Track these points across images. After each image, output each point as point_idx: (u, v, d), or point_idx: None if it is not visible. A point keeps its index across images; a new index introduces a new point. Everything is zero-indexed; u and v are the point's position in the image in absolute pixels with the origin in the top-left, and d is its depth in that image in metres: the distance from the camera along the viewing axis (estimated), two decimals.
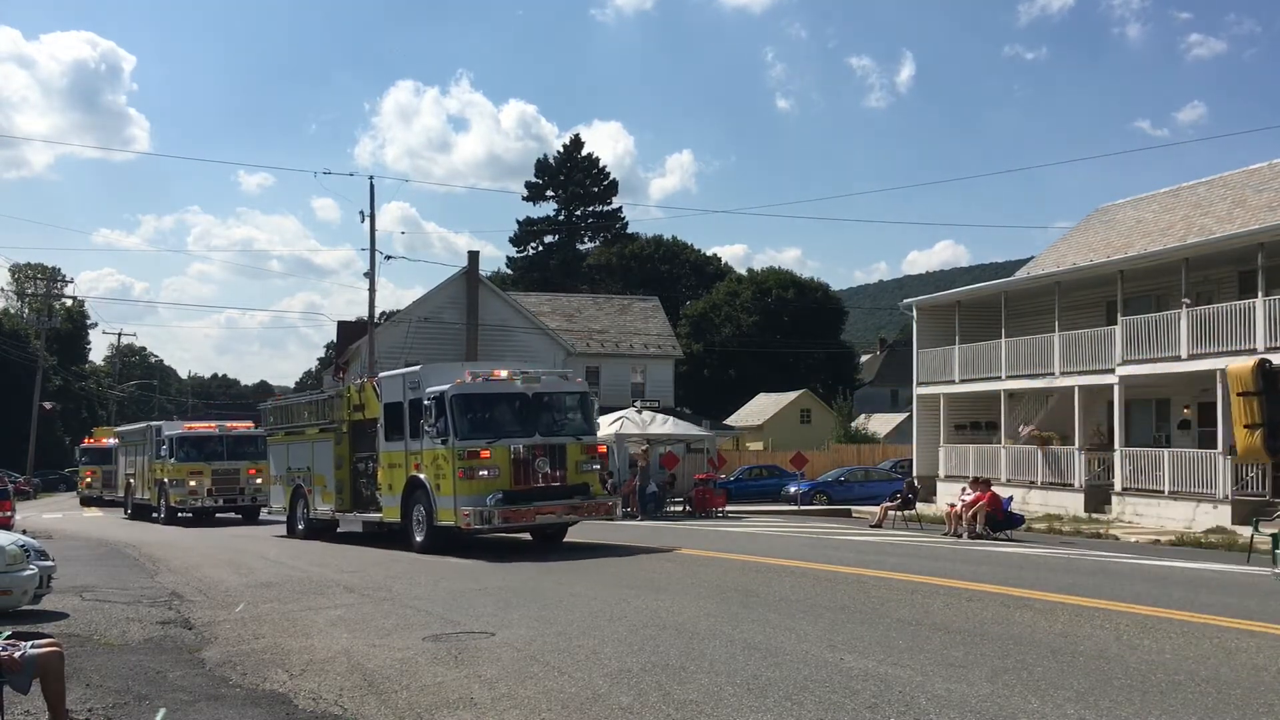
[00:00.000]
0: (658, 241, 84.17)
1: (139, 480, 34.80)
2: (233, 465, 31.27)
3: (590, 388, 19.40)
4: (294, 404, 24.59)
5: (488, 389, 17.28)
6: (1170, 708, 6.46)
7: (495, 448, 16.72)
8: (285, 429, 24.18)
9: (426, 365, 18.90)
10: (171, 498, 31.00)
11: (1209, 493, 23.16)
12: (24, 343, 68.46)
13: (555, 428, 17.50)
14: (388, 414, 18.87)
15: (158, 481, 31.98)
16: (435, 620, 10.58)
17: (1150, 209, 33.46)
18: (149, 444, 33.39)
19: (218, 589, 13.89)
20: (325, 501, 21.51)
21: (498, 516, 16.35)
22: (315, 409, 22.66)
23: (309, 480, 22.30)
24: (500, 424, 17.10)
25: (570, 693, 7.25)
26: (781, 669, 7.75)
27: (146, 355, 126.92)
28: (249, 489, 31.14)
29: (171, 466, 31.13)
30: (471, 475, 16.47)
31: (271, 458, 25.07)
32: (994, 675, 7.38)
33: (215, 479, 31.03)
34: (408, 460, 18.00)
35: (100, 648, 9.65)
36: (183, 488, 30.84)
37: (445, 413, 16.85)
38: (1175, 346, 24.39)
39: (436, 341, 40.26)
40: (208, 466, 31.04)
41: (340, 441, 21.10)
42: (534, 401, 17.44)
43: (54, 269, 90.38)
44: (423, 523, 17.57)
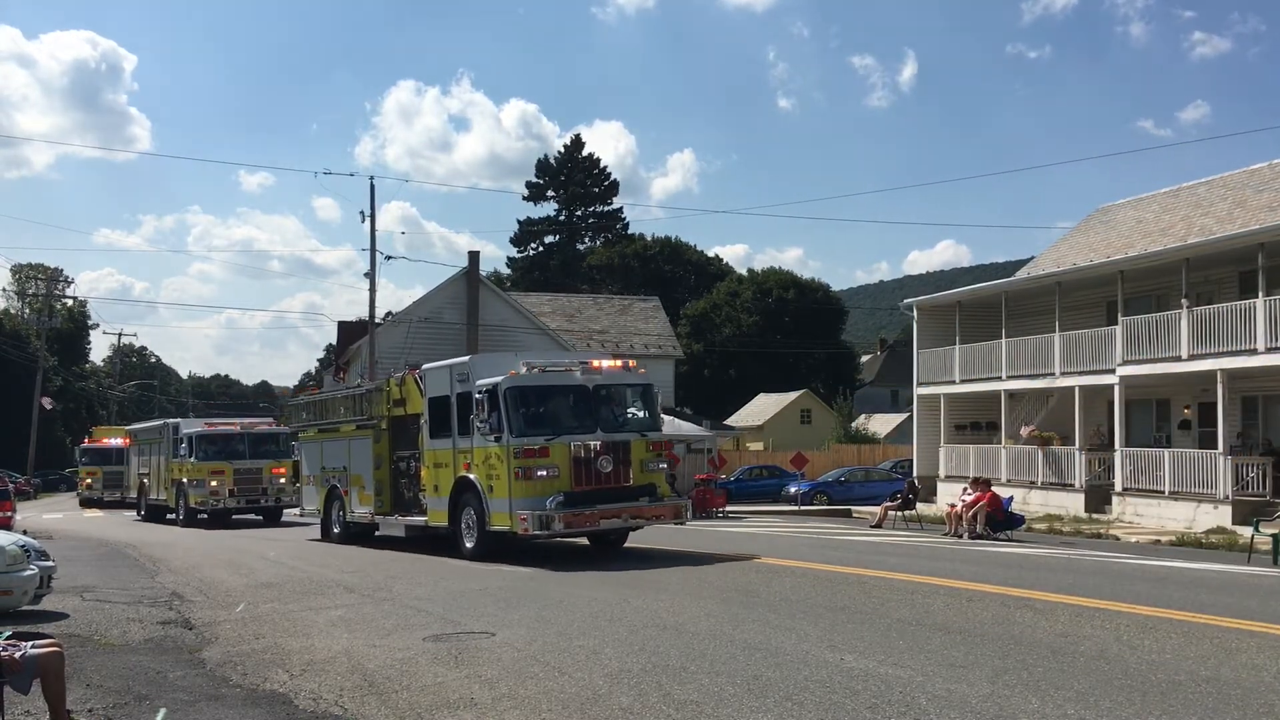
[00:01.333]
0: (658, 241, 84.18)
1: (154, 480, 33.49)
2: (255, 464, 29.99)
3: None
4: (328, 399, 22.90)
5: (545, 381, 16.01)
6: (1170, 708, 6.46)
7: (554, 445, 15.35)
8: (318, 425, 22.71)
9: (476, 356, 17.48)
10: (191, 498, 29.75)
11: (1209, 493, 23.15)
12: (24, 343, 68.46)
13: (618, 422, 16.17)
14: (433, 409, 17.47)
15: (175, 482, 30.79)
16: (436, 620, 10.58)
17: (1150, 209, 33.46)
18: (166, 443, 32.18)
19: (218, 589, 13.89)
20: (363, 504, 20.11)
21: (559, 521, 14.98)
22: (351, 404, 21.19)
23: (345, 481, 20.86)
24: (558, 419, 15.82)
25: (571, 693, 7.25)
26: (782, 669, 7.75)
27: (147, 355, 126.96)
28: (271, 489, 30.05)
29: (191, 466, 29.82)
30: (529, 475, 15.14)
31: (304, 457, 23.62)
32: (994, 675, 7.38)
33: (237, 479, 29.70)
34: (456, 459, 16.67)
35: (100, 648, 9.65)
36: (203, 488, 29.51)
37: (499, 407, 15.49)
38: (1176, 347, 24.39)
39: (437, 342, 40.19)
40: (229, 466, 29.69)
41: (379, 439, 19.72)
42: (594, 394, 16.08)
43: (55, 269, 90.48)
44: (473, 527, 16.27)
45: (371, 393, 20.24)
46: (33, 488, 54.64)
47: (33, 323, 71.84)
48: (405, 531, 18.74)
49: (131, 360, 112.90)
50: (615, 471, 15.59)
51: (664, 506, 16.08)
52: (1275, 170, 29.73)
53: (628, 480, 15.73)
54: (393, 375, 19.75)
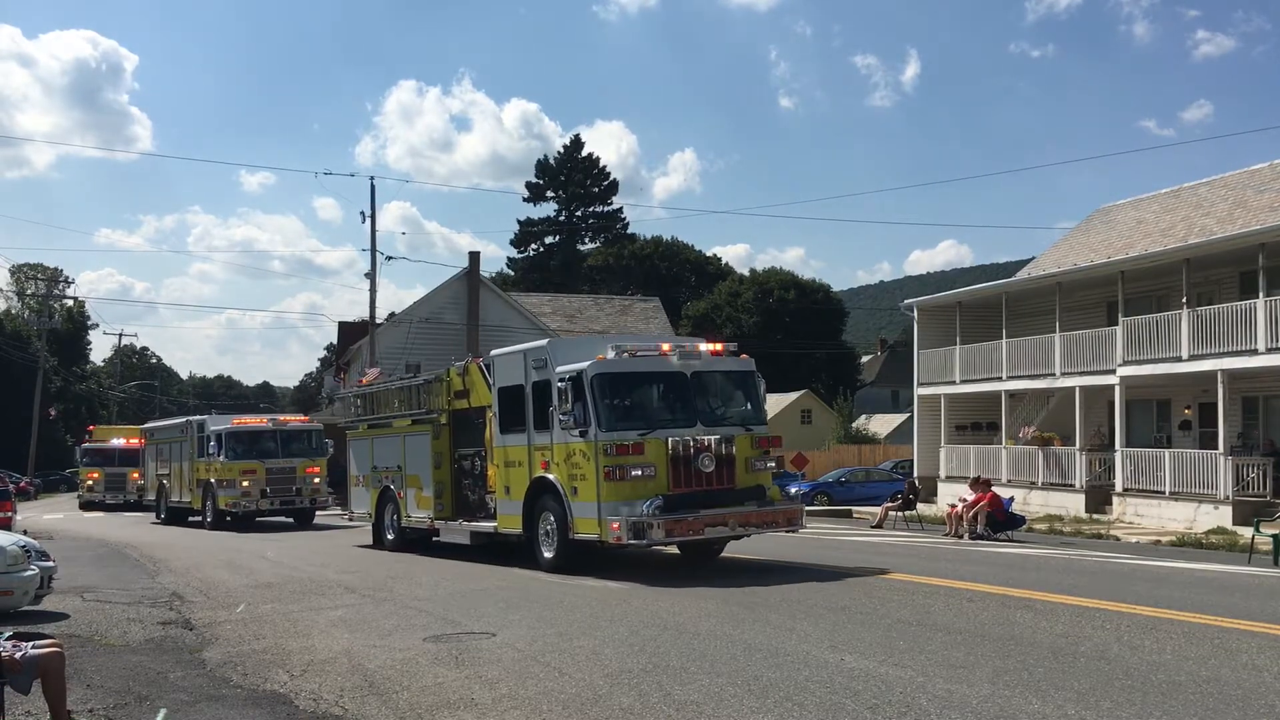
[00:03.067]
0: (658, 242, 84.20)
1: (175, 481, 31.30)
2: (288, 463, 27.91)
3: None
4: (379, 391, 20.84)
5: (637, 367, 14.25)
6: (1171, 709, 6.46)
7: (650, 441, 13.59)
8: (368, 421, 20.81)
9: (554, 339, 15.38)
10: (221, 500, 27.53)
11: (1210, 493, 23.15)
12: (25, 344, 68.49)
13: (719, 415, 14.46)
14: (503, 400, 15.69)
15: (202, 482, 28.72)
16: (436, 621, 10.59)
17: (1151, 209, 33.46)
18: (190, 441, 30.02)
19: (218, 590, 13.90)
20: (421, 507, 18.21)
21: (658, 528, 13.07)
22: (406, 396, 19.36)
23: (400, 481, 18.93)
24: (653, 411, 14.23)
25: (571, 693, 7.25)
26: (782, 669, 7.75)
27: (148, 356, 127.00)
28: (306, 490, 28.05)
29: (220, 465, 27.69)
30: (621, 476, 13.34)
31: (352, 455, 21.53)
32: (995, 676, 7.38)
33: (270, 479, 27.59)
34: (531, 457, 14.89)
35: (101, 648, 9.66)
36: (234, 488, 27.40)
37: (584, 397, 13.75)
38: (1176, 347, 24.38)
39: (437, 342, 40.19)
40: (261, 465, 27.58)
41: (439, 435, 17.82)
42: (693, 383, 14.36)
43: (54, 269, 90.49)
44: (552, 535, 14.44)
45: (430, 384, 18.43)
46: (33, 488, 54.64)
47: (33, 323, 71.83)
48: (471, 539, 16.82)
49: (132, 361, 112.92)
50: (718, 471, 13.85)
51: (775, 511, 14.17)
52: (1276, 170, 29.72)
53: (732, 481, 13.99)
54: (454, 364, 17.94)
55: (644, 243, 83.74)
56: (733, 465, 14.02)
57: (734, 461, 14.04)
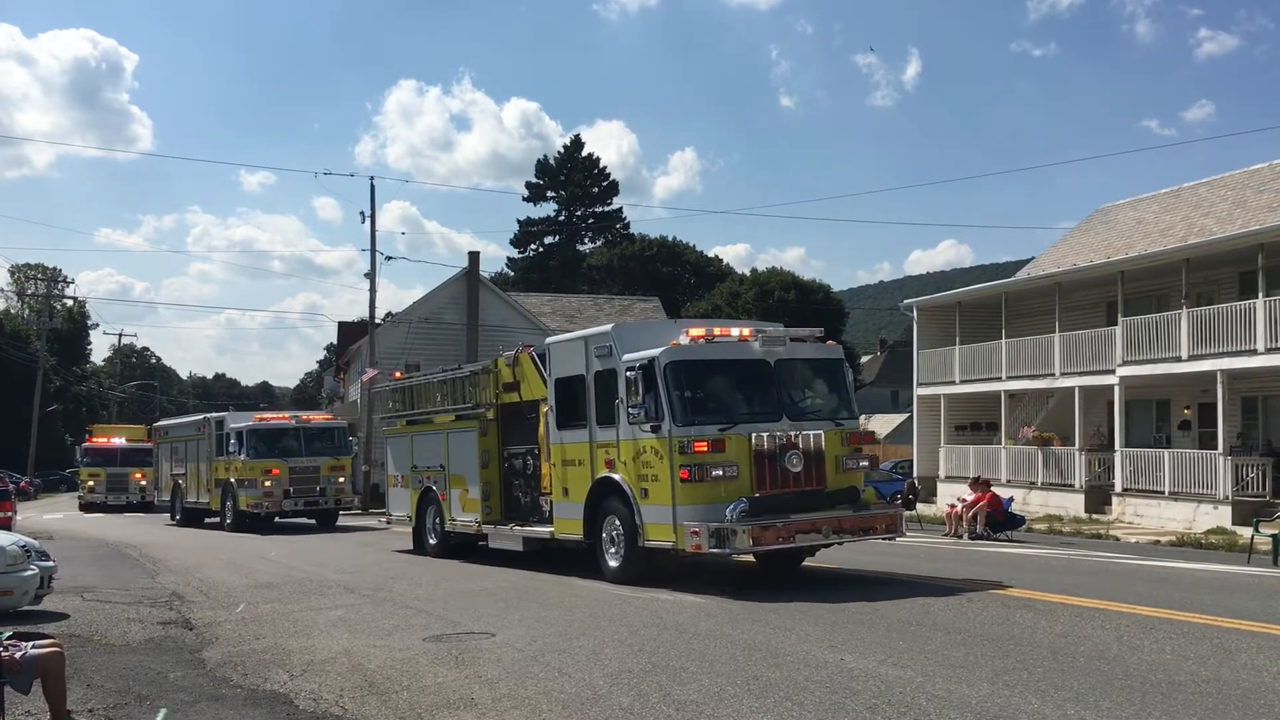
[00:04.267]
0: (658, 242, 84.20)
1: (191, 481, 30.25)
2: (311, 462, 26.83)
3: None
4: (419, 384, 19.42)
5: (716, 354, 12.86)
6: (1171, 709, 6.46)
7: (732, 437, 12.23)
8: (407, 416, 19.50)
9: (619, 324, 14.31)
10: (242, 501, 26.42)
11: (1209, 493, 23.15)
12: (25, 343, 68.49)
13: (806, 408, 13.19)
14: (561, 392, 14.38)
15: (221, 482, 27.66)
16: (436, 621, 10.60)
17: (1151, 209, 33.47)
18: (208, 439, 28.94)
19: (218, 589, 13.91)
20: (467, 510, 16.85)
21: (744, 535, 11.61)
22: (450, 390, 17.98)
23: (443, 482, 17.61)
24: (733, 403, 12.81)
25: (571, 693, 7.26)
26: (782, 669, 7.76)
27: (148, 356, 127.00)
28: (330, 490, 27.02)
29: (241, 464, 26.59)
30: (700, 476, 11.98)
31: (390, 453, 20.31)
32: (994, 676, 7.38)
33: (293, 478, 26.50)
34: (594, 455, 13.57)
35: (101, 648, 9.66)
36: (255, 488, 26.28)
37: (656, 387, 12.43)
38: (1176, 347, 24.38)
39: (437, 342, 40.25)
40: (284, 464, 26.47)
41: (486, 431, 16.53)
42: (777, 372, 12.99)
43: (54, 269, 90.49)
44: (618, 541, 13.14)
45: (476, 375, 17.12)
46: (33, 488, 54.62)
47: (33, 323, 71.83)
48: (523, 545, 15.45)
49: (132, 361, 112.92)
50: (806, 471, 12.49)
51: (873, 516, 12.69)
52: (1276, 170, 29.73)
53: (822, 482, 12.63)
54: (502, 354, 16.71)
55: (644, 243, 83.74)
56: (822, 464, 12.65)
57: (824, 460, 12.66)
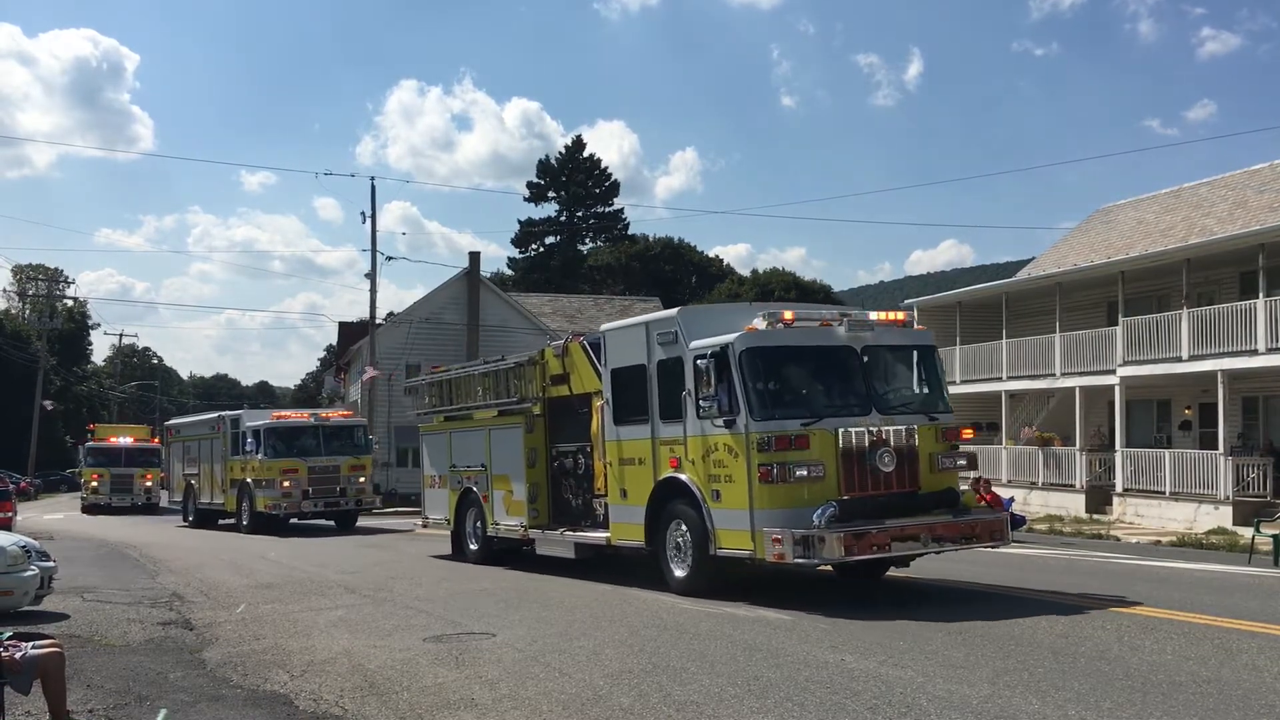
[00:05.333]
0: (659, 242, 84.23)
1: (204, 482, 29.42)
2: (331, 461, 25.95)
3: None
4: (458, 378, 18.04)
5: (797, 340, 11.63)
6: (1171, 709, 6.46)
7: (817, 432, 10.99)
8: (445, 412, 18.30)
9: (686, 308, 13.13)
10: (259, 501, 25.52)
11: (1210, 493, 23.14)
12: (25, 344, 68.52)
13: (897, 400, 11.92)
14: (618, 384, 13.17)
15: (237, 482, 26.76)
16: (436, 621, 10.60)
17: (1151, 209, 33.47)
18: (223, 438, 28.06)
19: (219, 590, 13.91)
20: (511, 513, 15.68)
21: (834, 543, 10.34)
22: (492, 383, 16.69)
23: (484, 483, 16.44)
24: (816, 395, 11.62)
25: (571, 693, 7.26)
26: (783, 670, 7.76)
27: (148, 356, 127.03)
28: (350, 490, 26.12)
29: (259, 464, 25.67)
30: (782, 476, 10.77)
31: (425, 451, 18.91)
32: (995, 676, 7.38)
33: (312, 478, 25.57)
34: (657, 453, 12.38)
35: (101, 648, 9.66)
36: (273, 489, 25.35)
37: (731, 377, 11.22)
38: (1176, 347, 24.38)
39: (437, 342, 40.27)
40: (302, 463, 25.57)
41: (532, 428, 15.33)
42: (864, 360, 11.75)
43: (55, 270, 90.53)
44: (685, 549, 11.91)
45: (521, 367, 15.83)
46: (33, 488, 54.60)
47: (33, 323, 71.87)
48: (575, 552, 14.33)
49: (132, 361, 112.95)
50: (898, 471, 11.24)
51: (974, 522, 11.41)
52: (1276, 170, 29.72)
53: (916, 483, 11.36)
54: (550, 344, 15.64)
55: (646, 243, 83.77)
56: (916, 463, 11.39)
57: (917, 458, 11.41)
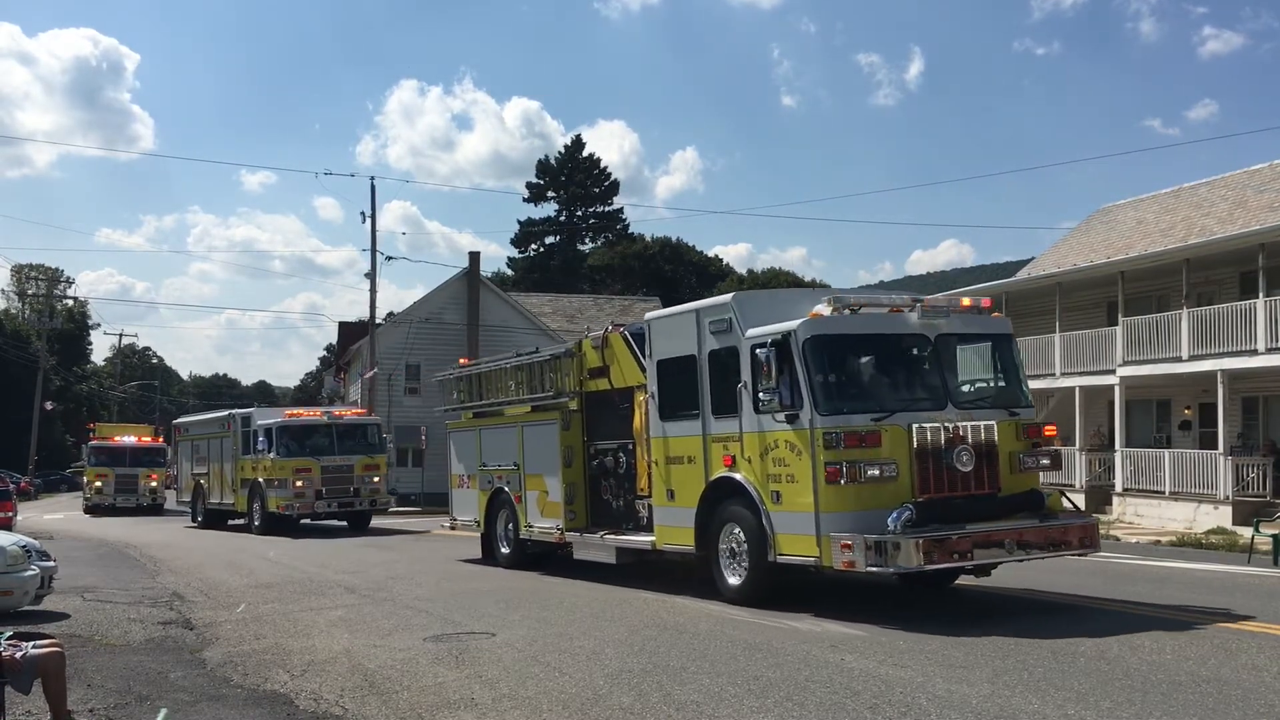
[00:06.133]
0: (659, 242, 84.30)
1: (214, 481, 29.12)
2: (344, 460, 25.52)
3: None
4: (489, 371, 17.11)
5: (866, 327, 10.82)
6: (1171, 709, 6.46)
7: (889, 428, 10.11)
8: (475, 408, 17.35)
9: (742, 293, 12.14)
10: (271, 502, 25.05)
11: (1210, 493, 23.15)
12: (25, 344, 68.54)
13: (974, 393, 11.15)
14: (664, 377, 12.29)
15: (249, 482, 26.40)
16: (436, 621, 10.61)
17: (1151, 209, 33.47)
18: (233, 436, 27.72)
19: (219, 590, 13.92)
20: (546, 515, 14.79)
21: (912, 550, 9.40)
22: (525, 377, 15.75)
23: (517, 483, 15.55)
24: (889, 387, 10.81)
25: (571, 693, 7.26)
26: (782, 669, 7.76)
27: (148, 356, 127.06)
28: (364, 490, 25.76)
29: (271, 463, 25.27)
30: (852, 476, 9.87)
31: (453, 449, 17.96)
32: (994, 676, 7.38)
33: (325, 478, 25.19)
34: (708, 450, 11.50)
35: (101, 648, 9.67)
36: (286, 489, 24.88)
37: (793, 367, 10.33)
38: (1176, 347, 24.39)
39: (437, 342, 40.29)
40: (315, 463, 25.14)
41: (569, 424, 14.46)
42: (938, 349, 10.84)
43: (55, 269, 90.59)
44: (741, 554, 10.99)
45: (557, 360, 14.94)
46: (33, 488, 54.60)
47: (33, 323, 71.88)
48: (617, 557, 13.57)
49: (132, 361, 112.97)
50: (977, 470, 10.31)
51: (1064, 527, 10.43)
52: (1276, 170, 29.73)
53: (996, 484, 10.45)
54: (588, 334, 14.84)
55: (645, 243, 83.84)
56: (995, 462, 10.49)
57: (996, 457, 10.50)
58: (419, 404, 38.68)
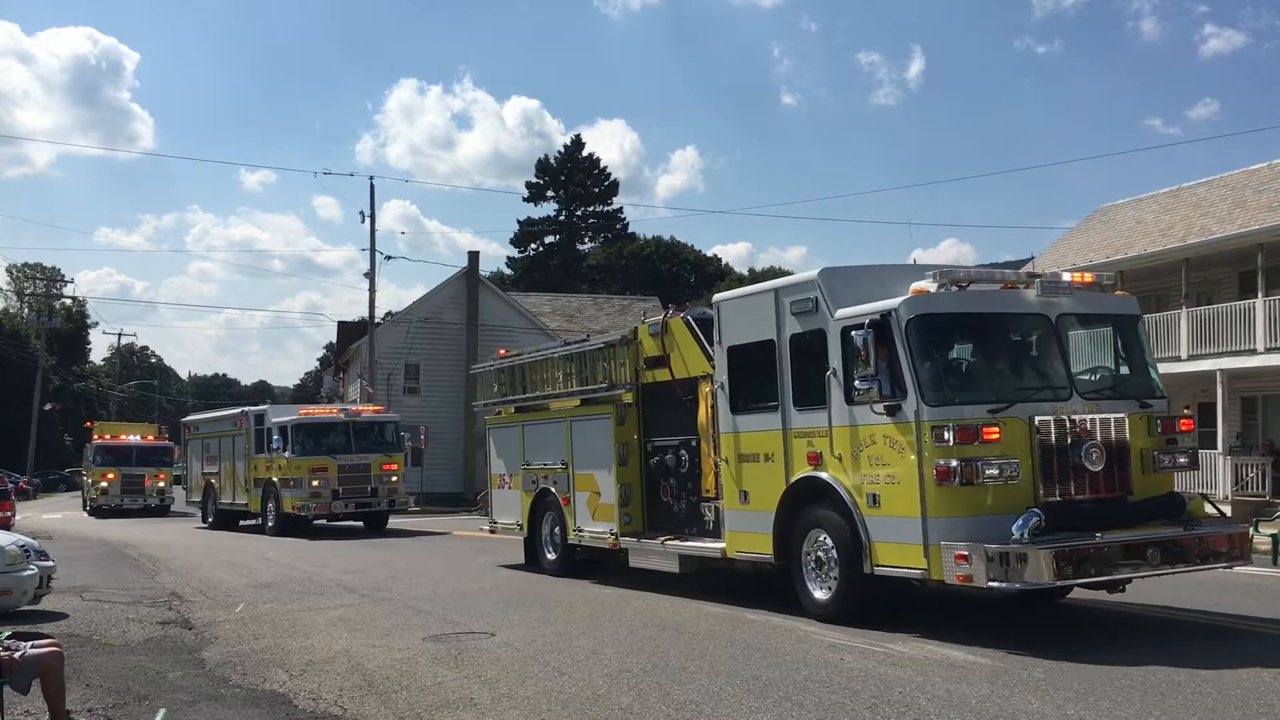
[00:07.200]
0: (658, 242, 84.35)
1: (226, 481, 28.42)
2: (362, 459, 24.79)
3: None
4: (533, 361, 15.75)
5: (978, 306, 9.57)
6: (1170, 708, 6.46)
7: (1009, 421, 8.87)
8: (516, 402, 16.03)
9: (829, 269, 10.48)
10: (287, 502, 24.36)
11: (1209, 493, 23.15)
12: (24, 343, 68.52)
13: (1100, 382, 9.90)
14: (736, 365, 11.14)
15: (262, 481, 25.72)
16: (435, 620, 10.60)
17: (1150, 209, 33.47)
18: (246, 435, 27.02)
19: (218, 589, 13.91)
20: (598, 518, 13.65)
21: (1042, 562, 8.16)
22: (574, 367, 14.54)
23: (565, 483, 14.36)
24: (1004, 375, 9.63)
25: (570, 693, 7.26)
26: (782, 669, 7.76)
27: (147, 355, 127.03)
28: (382, 489, 25.02)
29: (286, 462, 24.56)
30: (968, 476, 8.61)
31: (493, 446, 16.69)
32: (994, 675, 7.38)
33: (342, 477, 24.47)
34: (789, 446, 10.32)
35: (100, 648, 9.66)
36: (302, 489, 24.12)
37: (895, 352, 9.16)
38: (1175, 347, 24.40)
39: (437, 342, 40.29)
40: (332, 461, 24.41)
41: (624, 419, 13.28)
42: (1060, 331, 9.62)
43: (53, 269, 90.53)
44: (829, 564, 9.82)
45: (611, 348, 13.75)
46: (32, 488, 54.58)
47: (32, 323, 71.87)
48: (680, 565, 12.33)
49: (131, 360, 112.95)
50: (1107, 470, 9.06)
51: (1213, 535, 9.17)
52: (1275, 170, 29.72)
53: (1127, 486, 9.21)
54: (645, 320, 13.81)
55: (644, 242, 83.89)
56: (1126, 461, 9.25)
57: (1128, 455, 9.26)
58: (418, 403, 38.69)
